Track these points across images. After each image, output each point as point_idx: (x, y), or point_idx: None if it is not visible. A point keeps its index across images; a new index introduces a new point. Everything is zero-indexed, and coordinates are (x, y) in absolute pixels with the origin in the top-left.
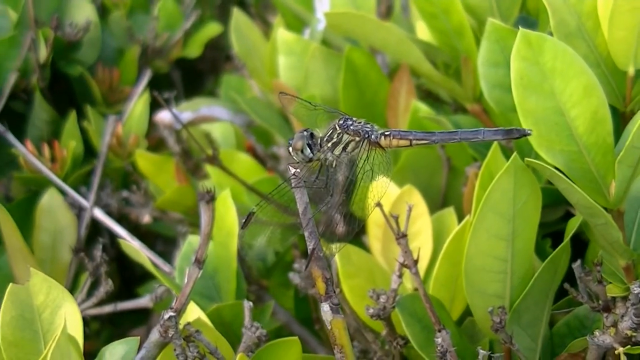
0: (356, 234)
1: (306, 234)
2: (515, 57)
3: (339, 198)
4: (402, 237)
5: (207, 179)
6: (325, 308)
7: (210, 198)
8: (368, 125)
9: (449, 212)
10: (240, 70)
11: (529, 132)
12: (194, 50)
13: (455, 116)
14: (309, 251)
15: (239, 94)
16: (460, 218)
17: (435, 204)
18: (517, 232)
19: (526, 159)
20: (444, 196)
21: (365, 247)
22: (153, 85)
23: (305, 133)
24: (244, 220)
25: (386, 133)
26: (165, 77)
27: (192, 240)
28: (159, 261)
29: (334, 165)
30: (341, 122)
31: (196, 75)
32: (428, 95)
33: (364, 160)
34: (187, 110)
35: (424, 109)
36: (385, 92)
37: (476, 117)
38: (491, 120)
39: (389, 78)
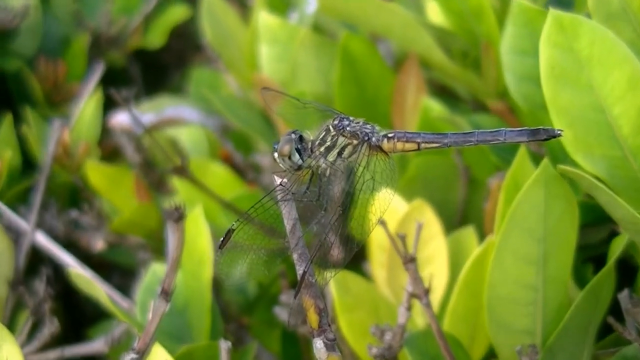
0: (355, 258)
1: (295, 256)
2: (545, 44)
3: (334, 214)
4: (410, 261)
5: (174, 195)
6: (318, 345)
7: (179, 217)
8: (368, 126)
9: (468, 232)
10: (213, 62)
11: (559, 132)
12: (157, 38)
13: (475, 116)
14: (298, 276)
15: (212, 91)
16: (482, 238)
17: (452, 222)
18: (549, 254)
19: (559, 166)
20: (462, 212)
21: (366, 275)
22: (107, 81)
23: (293, 136)
24: (220, 242)
25: (389, 135)
26: (122, 72)
27: (157, 269)
28: (116, 295)
29: (327, 174)
30: (336, 122)
31: (160, 69)
32: (441, 91)
33: (364, 168)
34: (149, 112)
35: (436, 107)
36: (390, 88)
37: (500, 117)
38: (518, 121)
39: (394, 70)
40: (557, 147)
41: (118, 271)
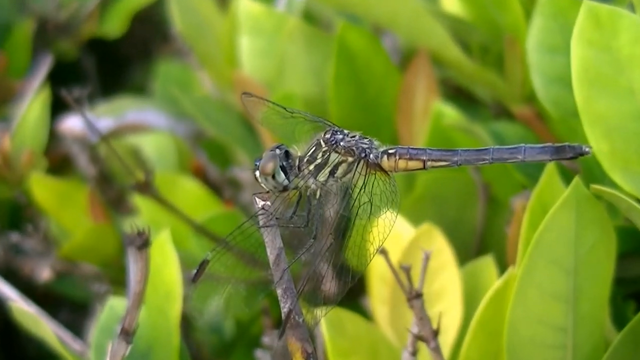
0: (351, 293)
1: (279, 291)
2: (577, 41)
3: (326, 242)
4: (415, 297)
5: (136, 216)
6: None
7: (143, 243)
8: (365, 141)
9: (487, 262)
10: (184, 56)
11: (587, 150)
12: (116, 26)
13: (496, 124)
14: (283, 315)
15: (182, 91)
16: (504, 270)
17: (467, 250)
18: (581, 289)
19: (593, 186)
20: (480, 239)
21: (365, 313)
22: (56, 77)
23: (277, 151)
24: (193, 275)
25: (390, 151)
26: (73, 66)
27: (116, 305)
28: (66, 335)
29: (317, 196)
30: (328, 135)
31: (119, 63)
32: (457, 94)
33: (360, 189)
34: (106, 115)
35: (450, 113)
36: (395, 90)
37: (526, 125)
38: (548, 129)
39: (401, 69)
40: (594, 162)
41: (68, 306)
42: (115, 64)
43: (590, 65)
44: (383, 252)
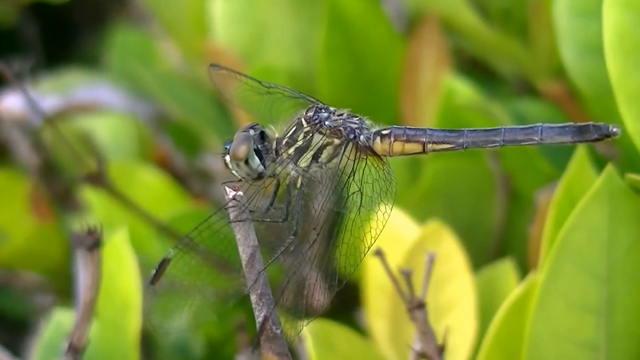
0: (345, 304)
1: (253, 297)
2: (611, 3)
3: (309, 239)
4: (417, 307)
5: (87, 213)
6: None
7: (94, 243)
8: (354, 120)
9: (506, 268)
10: (144, 23)
11: (614, 130)
12: None
13: (520, 103)
14: (257, 325)
15: (142, 65)
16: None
17: (483, 254)
18: (615, 299)
19: (628, 175)
20: (499, 240)
21: (360, 328)
22: None
23: (251, 132)
24: (151, 277)
25: (384, 132)
26: (12, 34)
27: (62, 319)
28: (4, 354)
29: (299, 184)
30: (310, 113)
31: (67, 30)
32: (472, 67)
33: (349, 177)
34: (51, 93)
35: (463, 90)
36: (399, 63)
37: (555, 104)
38: (581, 109)
39: (405, 38)
40: (631, 148)
41: (6, 321)
42: (62, 32)
43: (627, 33)
44: (379, 253)
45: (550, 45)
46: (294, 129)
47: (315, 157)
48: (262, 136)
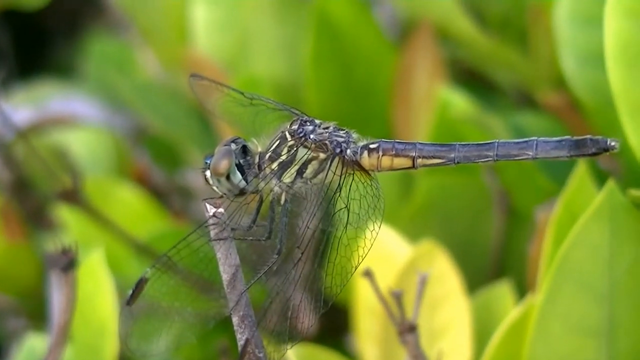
0: (332, 329)
1: (235, 319)
2: (613, 11)
3: (295, 258)
4: (408, 330)
5: (61, 232)
6: None
7: (68, 264)
8: (341, 133)
9: (503, 290)
10: (122, 31)
11: (613, 144)
12: None
13: (519, 115)
14: (239, 348)
15: (120, 75)
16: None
17: (480, 275)
18: (617, 320)
19: (630, 191)
20: (496, 260)
21: (349, 354)
22: None
23: (233, 146)
24: (128, 298)
25: (372, 146)
26: None
27: (35, 344)
28: None
29: (282, 200)
30: (295, 126)
31: (41, 38)
32: (469, 77)
33: (335, 193)
34: (24, 105)
35: (459, 102)
36: (391, 72)
37: (556, 117)
38: (583, 122)
39: (398, 46)
40: (634, 161)
41: None
42: (35, 40)
43: (630, 41)
44: (368, 274)
45: (551, 54)
46: (277, 142)
47: (300, 172)
48: (244, 150)
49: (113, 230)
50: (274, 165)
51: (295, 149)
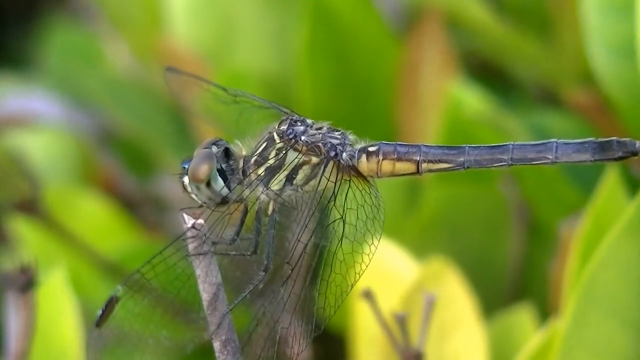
0: (330, 354)
1: (216, 344)
2: None
3: (284, 276)
4: (413, 358)
5: (18, 248)
6: None
7: (26, 283)
8: (336, 134)
9: (523, 314)
10: (87, 18)
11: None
12: None
13: (541, 115)
14: None
15: (86, 68)
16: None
17: (496, 296)
18: None
19: None
20: (516, 281)
21: None
22: None
23: (214, 149)
24: (97, 319)
25: (371, 149)
26: None
27: None
28: None
29: (270, 210)
30: (284, 126)
31: None
32: (484, 72)
33: (329, 202)
34: None
35: (472, 100)
36: (394, 66)
37: (583, 117)
38: (614, 122)
39: (403, 37)
40: None
41: None
42: None
43: None
44: (367, 295)
45: (577, 46)
46: (264, 145)
47: (290, 179)
48: (227, 153)
49: (77, 246)
50: (261, 171)
51: (284, 152)
